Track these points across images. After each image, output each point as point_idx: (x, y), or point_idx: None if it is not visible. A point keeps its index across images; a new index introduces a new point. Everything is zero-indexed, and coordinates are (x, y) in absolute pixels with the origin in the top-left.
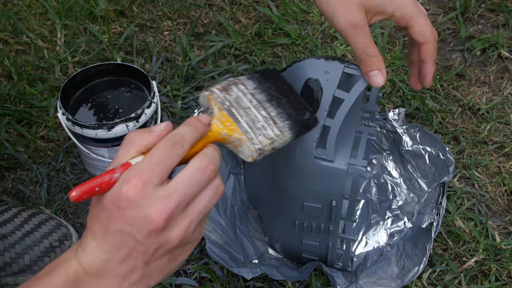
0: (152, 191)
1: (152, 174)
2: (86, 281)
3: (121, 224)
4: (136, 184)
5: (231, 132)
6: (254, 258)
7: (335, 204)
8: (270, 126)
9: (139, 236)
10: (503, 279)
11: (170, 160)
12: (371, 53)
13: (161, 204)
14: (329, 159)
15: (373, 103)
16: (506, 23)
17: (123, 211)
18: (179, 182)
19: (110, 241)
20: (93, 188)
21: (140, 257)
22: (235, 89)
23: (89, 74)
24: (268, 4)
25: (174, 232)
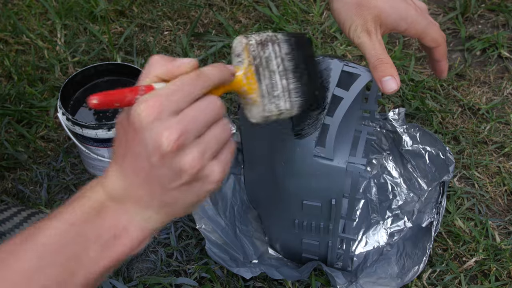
0: (166, 116)
1: (171, 99)
2: (110, 207)
3: (137, 145)
4: (152, 106)
5: (250, 91)
6: (254, 258)
7: (335, 203)
8: (284, 98)
9: (154, 159)
10: (503, 279)
11: (192, 90)
12: (384, 59)
13: (173, 127)
14: (328, 158)
15: (372, 102)
16: (506, 23)
17: (138, 132)
18: (191, 110)
19: (128, 165)
20: (113, 102)
21: (156, 182)
22: (270, 47)
23: (89, 74)
24: (268, 4)
25: (188, 158)
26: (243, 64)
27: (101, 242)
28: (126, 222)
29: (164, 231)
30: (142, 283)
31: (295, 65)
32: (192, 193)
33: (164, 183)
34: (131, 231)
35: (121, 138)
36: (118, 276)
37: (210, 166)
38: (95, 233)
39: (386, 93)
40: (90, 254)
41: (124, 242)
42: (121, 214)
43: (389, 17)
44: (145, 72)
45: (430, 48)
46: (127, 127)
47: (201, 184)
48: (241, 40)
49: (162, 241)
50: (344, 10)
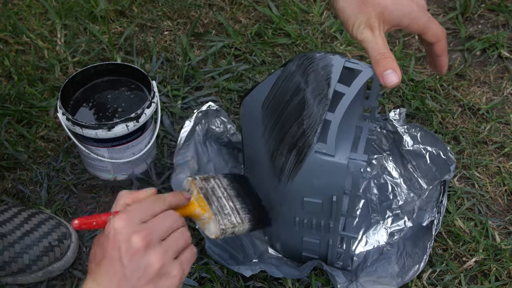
0: (134, 224)
1: (136, 213)
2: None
3: (111, 251)
4: (123, 218)
5: (203, 211)
6: (254, 258)
7: (336, 200)
8: (234, 215)
9: (125, 259)
10: (503, 279)
11: (152, 207)
12: (386, 54)
13: (141, 231)
14: (329, 154)
15: (373, 99)
16: (506, 23)
17: (113, 238)
18: (153, 219)
19: (102, 271)
20: (91, 222)
21: (128, 283)
22: (213, 181)
23: (89, 74)
24: (268, 4)
25: (153, 256)
26: (193, 193)
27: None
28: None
29: None
30: None
31: (237, 192)
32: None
33: (134, 282)
34: None
35: (96, 251)
36: None
37: (172, 264)
38: None
39: (388, 86)
40: None
41: None
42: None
43: (392, 14)
44: (115, 203)
45: (431, 43)
46: (102, 240)
47: (164, 280)
48: (188, 179)
49: None
50: (348, 8)
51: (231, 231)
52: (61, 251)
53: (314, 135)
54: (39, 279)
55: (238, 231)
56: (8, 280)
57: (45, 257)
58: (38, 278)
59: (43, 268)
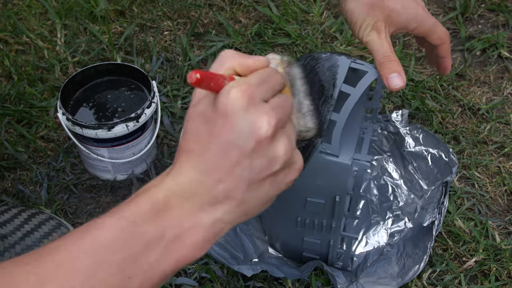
0: (258, 103)
1: (260, 88)
2: (176, 204)
3: (228, 133)
4: (246, 91)
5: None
6: (254, 257)
7: (339, 200)
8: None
9: (248, 146)
10: (503, 279)
11: (275, 83)
12: (391, 57)
13: (269, 114)
14: (334, 154)
15: (376, 101)
16: (506, 23)
17: (231, 119)
18: (278, 100)
19: (210, 158)
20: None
21: (243, 175)
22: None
23: (89, 74)
24: (268, 4)
25: (280, 145)
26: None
27: (163, 243)
28: (192, 222)
29: None
30: None
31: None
32: (274, 185)
33: (253, 175)
34: (197, 233)
35: (200, 131)
36: None
37: (296, 154)
38: (157, 234)
39: (392, 89)
40: (150, 257)
41: (187, 245)
42: (188, 213)
43: (400, 17)
44: (218, 64)
45: (435, 45)
46: (212, 116)
47: (286, 173)
48: (274, 56)
49: None
50: (357, 10)
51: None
52: None
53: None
54: None
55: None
56: None
57: None
58: None
59: None
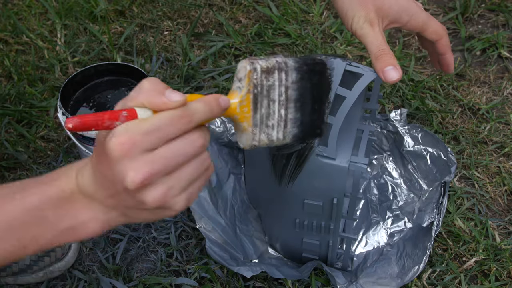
0: (137, 154)
1: (144, 139)
2: (78, 200)
3: (107, 171)
4: (124, 143)
5: (242, 119)
6: (254, 258)
7: (336, 202)
8: (278, 129)
9: (119, 187)
10: (503, 279)
11: (170, 131)
12: (385, 50)
13: (140, 168)
14: (330, 157)
15: (374, 101)
16: (506, 23)
17: (109, 162)
18: (166, 150)
19: (99, 178)
20: (90, 126)
21: (121, 202)
22: (276, 75)
23: (89, 74)
24: (268, 4)
25: (151, 196)
26: (241, 91)
27: (59, 229)
28: (88, 217)
29: (164, 231)
30: (142, 283)
31: (300, 95)
32: (153, 215)
33: (128, 205)
34: (91, 227)
35: (97, 152)
36: (118, 276)
37: (174, 200)
38: (57, 220)
39: (388, 82)
40: (46, 236)
41: (80, 234)
42: (86, 209)
43: (391, 9)
44: (133, 95)
45: (433, 42)
46: (102, 149)
47: (163, 211)
48: (245, 65)
49: (162, 241)
50: (348, 3)
51: (266, 146)
52: (62, 252)
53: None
54: (39, 279)
55: (275, 145)
56: (8, 280)
57: (46, 257)
58: (38, 278)
59: (44, 268)
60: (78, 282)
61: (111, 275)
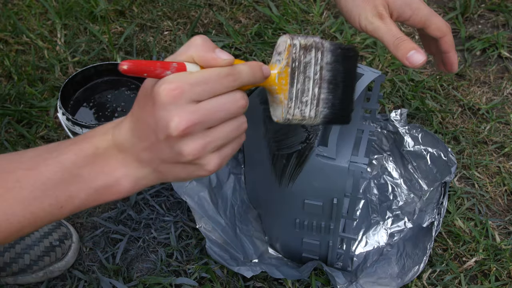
0: (184, 102)
1: (192, 89)
2: (113, 155)
3: (150, 118)
4: (173, 90)
5: (279, 91)
6: (254, 258)
7: (336, 202)
8: (311, 106)
9: (160, 136)
10: (503, 279)
11: (216, 87)
12: (402, 37)
13: (185, 115)
14: (330, 157)
15: (374, 101)
16: (506, 23)
17: (154, 107)
18: (209, 103)
19: (139, 128)
20: (142, 71)
21: (158, 154)
22: (313, 53)
23: (89, 74)
24: (268, 4)
25: (189, 147)
26: (280, 63)
27: (94, 187)
28: (122, 174)
29: (164, 231)
30: (142, 283)
31: (333, 77)
32: (185, 171)
33: (164, 157)
34: (123, 184)
35: (140, 101)
36: (118, 276)
37: (209, 158)
38: (92, 178)
39: (415, 66)
40: (81, 195)
41: (113, 192)
42: (120, 165)
43: (395, 3)
44: (183, 50)
45: (436, 39)
46: (148, 96)
47: (196, 169)
48: (286, 39)
49: (162, 241)
50: (352, 1)
51: (298, 123)
52: (62, 251)
53: (316, 138)
54: (39, 279)
55: (306, 123)
56: (8, 280)
57: (46, 257)
58: (38, 278)
59: (44, 268)
60: (78, 282)
61: (111, 275)
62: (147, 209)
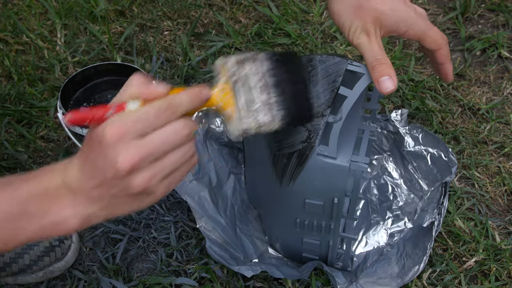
0: (129, 140)
1: (134, 127)
2: (63, 195)
3: (97, 157)
4: (117, 131)
5: (226, 106)
6: (254, 257)
7: (337, 201)
8: (264, 112)
9: (108, 174)
10: (503, 279)
11: (157, 122)
12: (382, 60)
13: (131, 153)
14: (331, 156)
15: (375, 101)
16: (506, 23)
17: (101, 147)
18: (153, 138)
19: (89, 168)
20: (84, 118)
21: (108, 190)
22: (249, 65)
23: (89, 74)
24: (268, 4)
25: (137, 180)
26: (220, 81)
27: (41, 225)
28: (70, 213)
29: (164, 231)
30: (142, 283)
31: (277, 81)
32: (135, 202)
33: (114, 192)
34: (70, 223)
35: (89, 143)
36: (118, 276)
37: (157, 187)
38: (39, 216)
39: (383, 93)
40: (27, 233)
41: (59, 230)
42: (69, 204)
43: (388, 19)
44: (123, 90)
45: (432, 51)
46: (95, 138)
47: (145, 197)
48: (219, 61)
49: (162, 241)
50: (343, 12)
51: (256, 131)
52: (62, 251)
53: (317, 137)
54: (39, 279)
55: (264, 130)
56: (8, 280)
57: (46, 257)
58: (38, 278)
59: (43, 268)
60: (78, 282)
61: (111, 275)
62: (147, 209)
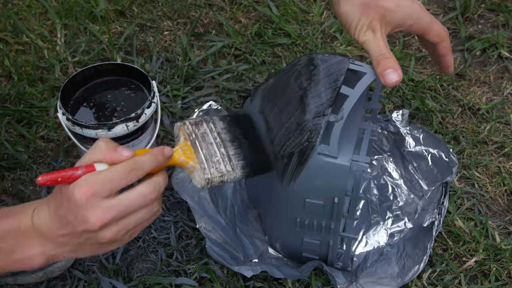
0: (97, 201)
1: (102, 187)
2: (32, 236)
3: (67, 213)
4: (86, 192)
5: (188, 159)
6: (254, 257)
7: (337, 201)
8: (224, 163)
9: (77, 229)
10: (503, 279)
11: (123, 182)
12: (386, 54)
13: (100, 213)
14: (332, 155)
15: (375, 101)
16: (506, 23)
17: (71, 206)
18: (122, 200)
19: (58, 220)
20: (56, 179)
21: (75, 240)
22: (205, 125)
23: (89, 74)
24: (268, 4)
25: (105, 234)
26: (179, 140)
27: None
28: (37, 252)
29: (164, 231)
30: (142, 283)
31: (232, 136)
32: (100, 249)
33: (80, 241)
34: (37, 260)
35: (57, 197)
36: (118, 276)
37: (122, 238)
38: (11, 251)
39: (388, 85)
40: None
41: (26, 264)
42: (38, 245)
43: (394, 16)
44: (91, 153)
45: (435, 44)
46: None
47: (110, 245)
48: (177, 124)
49: (162, 241)
50: (351, 12)
51: (219, 180)
52: None
53: (318, 136)
54: (39, 279)
55: (228, 179)
56: (8, 280)
57: None
58: (38, 278)
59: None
60: (78, 282)
61: (111, 275)
62: None
